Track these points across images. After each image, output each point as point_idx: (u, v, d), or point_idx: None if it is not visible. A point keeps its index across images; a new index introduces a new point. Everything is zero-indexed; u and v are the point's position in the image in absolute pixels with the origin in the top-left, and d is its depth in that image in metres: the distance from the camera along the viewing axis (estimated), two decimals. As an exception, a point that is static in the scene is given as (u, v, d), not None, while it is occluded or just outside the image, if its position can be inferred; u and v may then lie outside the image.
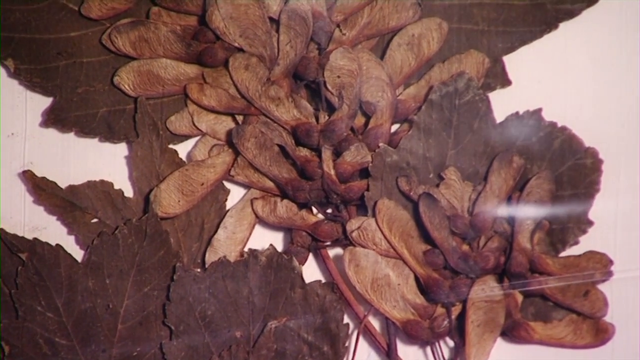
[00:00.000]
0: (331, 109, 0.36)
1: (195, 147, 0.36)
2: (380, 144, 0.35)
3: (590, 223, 0.35)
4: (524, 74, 0.36)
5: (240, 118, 0.36)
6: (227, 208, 0.36)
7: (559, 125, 0.35)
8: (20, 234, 0.35)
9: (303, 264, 0.36)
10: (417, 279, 0.35)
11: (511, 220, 0.35)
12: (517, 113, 0.35)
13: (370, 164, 0.35)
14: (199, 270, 0.35)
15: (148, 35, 0.35)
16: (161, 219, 0.35)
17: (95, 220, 0.36)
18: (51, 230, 0.36)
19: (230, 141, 0.35)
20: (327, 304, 0.35)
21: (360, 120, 0.36)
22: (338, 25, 0.36)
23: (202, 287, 0.34)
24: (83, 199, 0.35)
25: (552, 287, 0.35)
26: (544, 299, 0.35)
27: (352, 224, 0.35)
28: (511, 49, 0.36)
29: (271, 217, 0.36)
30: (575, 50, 0.36)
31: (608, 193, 0.35)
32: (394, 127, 0.36)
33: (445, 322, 0.35)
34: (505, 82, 0.36)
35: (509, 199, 0.36)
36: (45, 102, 0.36)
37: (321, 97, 0.36)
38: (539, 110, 0.35)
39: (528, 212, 0.35)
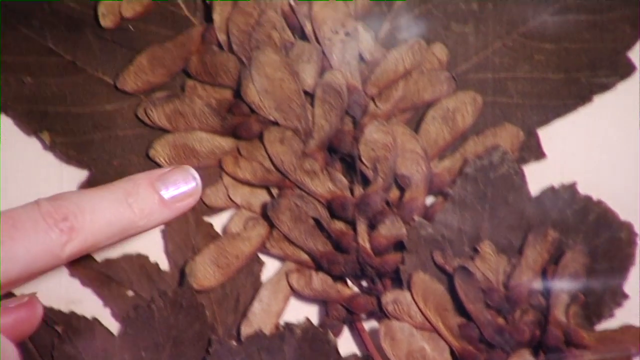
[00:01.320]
0: (366, 182, 0.42)
1: (231, 220, 0.42)
2: (415, 217, 0.41)
3: (625, 296, 0.41)
4: (559, 147, 0.42)
5: (275, 191, 0.42)
6: (263, 280, 0.42)
7: (594, 199, 0.41)
8: (56, 306, 0.41)
9: (338, 337, 0.42)
10: (452, 352, 0.41)
11: (546, 294, 0.41)
12: (551, 186, 0.41)
13: (406, 237, 0.41)
14: (234, 343, 0.41)
15: (183, 109, 0.42)
16: (196, 292, 0.41)
17: (130, 293, 0.42)
18: (87, 303, 0.42)
19: (265, 214, 0.41)
20: (362, 378, 0.41)
21: (395, 193, 0.42)
22: (373, 99, 0.42)
23: (238, 361, 0.40)
24: (119, 272, 0.41)
25: (588, 362, 0.40)
26: (580, 373, 0.41)
27: (388, 297, 0.41)
28: (545, 122, 0.42)
29: (306, 289, 0.42)
30: (609, 123, 0.42)
31: (644, 266, 0.41)
32: (429, 200, 0.42)
33: (481, 397, 0.41)
34: (540, 155, 0.42)
35: (544, 272, 0.41)
36: (81, 175, 0.42)
37: (356, 170, 0.42)
38: (574, 184, 0.41)
39: (563, 285, 0.41)
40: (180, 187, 0.35)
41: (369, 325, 0.42)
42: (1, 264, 0.29)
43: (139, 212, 0.33)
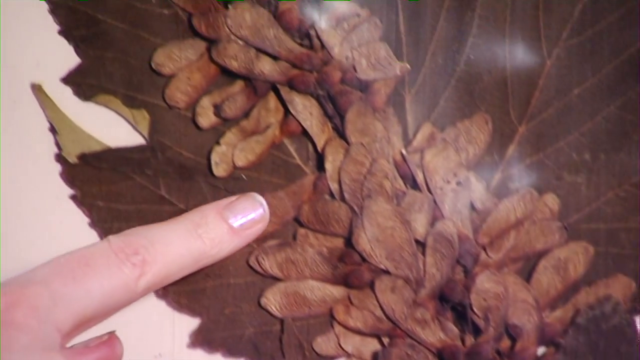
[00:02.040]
0: (477, 332, 0.45)
1: (342, 369, 0.45)
2: (528, 369, 0.45)
3: None
4: (672, 298, 0.45)
5: (386, 340, 0.45)
6: None
7: None
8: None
9: None
10: None
11: None
12: (666, 339, 0.45)
13: (518, 390, 0.44)
14: None
15: (295, 257, 0.45)
16: None
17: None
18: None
19: (377, 364, 0.44)
20: None
21: (506, 343, 0.45)
22: (484, 248, 0.45)
23: None
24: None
25: None
26: None
27: None
28: (658, 273, 0.45)
29: None
30: None
31: None
32: (540, 350, 0.46)
33: None
34: (653, 305, 0.45)
35: None
36: (193, 322, 0.46)
37: (467, 319, 0.45)
38: (689, 336, 0.44)
39: None
40: (249, 214, 0.38)
41: None
42: (77, 303, 0.31)
43: (209, 242, 0.36)
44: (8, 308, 0.28)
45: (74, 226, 0.44)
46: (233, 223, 0.35)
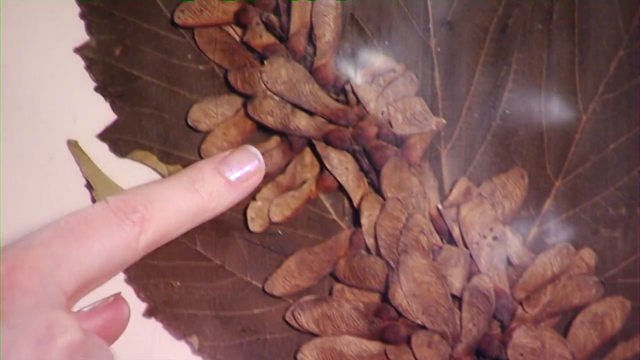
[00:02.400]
0: (514, 386, 0.45)
1: None
2: None
3: None
4: None
5: (422, 395, 0.45)
6: None
7: None
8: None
9: None
10: None
11: None
12: None
13: None
14: None
15: (331, 312, 0.45)
16: None
17: None
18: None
19: (414, 419, 0.45)
20: None
21: (543, 398, 0.46)
22: (521, 303, 0.46)
23: None
24: None
25: None
26: None
27: None
28: (696, 324, 0.45)
29: None
30: None
31: None
32: (578, 406, 0.46)
33: None
34: (691, 358, 0.46)
35: None
36: (229, 379, 0.46)
37: (504, 374, 0.45)
38: None
39: None
40: (244, 167, 0.38)
41: None
42: (79, 263, 0.31)
43: (207, 196, 0.36)
44: (10, 271, 0.28)
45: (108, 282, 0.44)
46: (229, 176, 0.36)
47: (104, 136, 0.44)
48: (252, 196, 0.44)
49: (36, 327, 0.28)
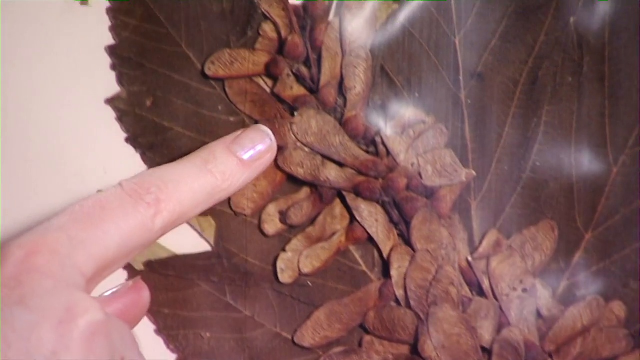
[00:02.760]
0: None
1: None
2: None
3: None
4: None
5: None
6: None
7: None
8: None
9: None
10: None
11: None
12: None
13: None
14: None
15: (360, 366, 0.45)
16: None
17: None
18: None
19: None
20: None
21: None
22: (551, 355, 0.46)
23: None
24: None
25: None
26: None
27: None
28: None
29: None
30: None
31: None
32: None
33: None
34: None
35: None
36: None
37: None
38: None
39: None
40: (257, 146, 0.38)
41: None
42: (97, 245, 0.30)
43: (220, 176, 0.36)
44: (29, 255, 0.28)
45: (139, 333, 0.44)
46: (242, 156, 0.36)
47: (134, 187, 0.44)
48: (282, 247, 0.44)
49: (56, 309, 0.28)
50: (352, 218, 0.45)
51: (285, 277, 0.45)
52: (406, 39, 0.45)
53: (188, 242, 0.45)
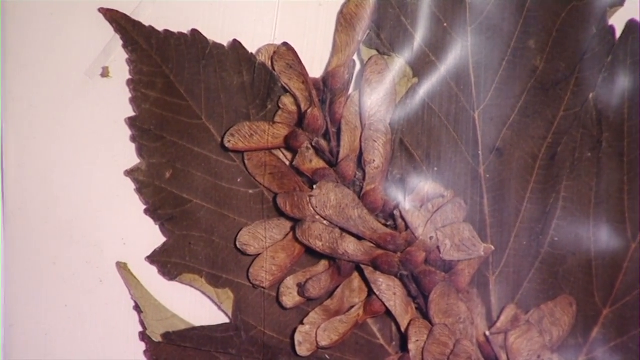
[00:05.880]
0: None
1: None
2: None
3: None
4: None
5: None
6: None
7: None
8: None
9: None
10: None
11: None
12: None
13: None
14: None
15: None
16: None
17: None
18: None
19: None
20: None
21: None
22: None
23: None
24: None
25: None
26: None
27: None
28: None
29: None
30: None
31: None
32: None
33: None
34: None
35: None
36: None
37: None
38: None
39: None
40: None
41: None
42: None
43: None
44: None
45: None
46: None
47: (153, 259, 0.46)
48: (300, 320, 0.45)
49: None
50: (370, 291, 0.46)
51: (303, 350, 0.46)
52: (425, 113, 0.46)
53: (206, 314, 0.46)
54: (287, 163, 0.47)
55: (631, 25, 0.46)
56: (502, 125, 0.46)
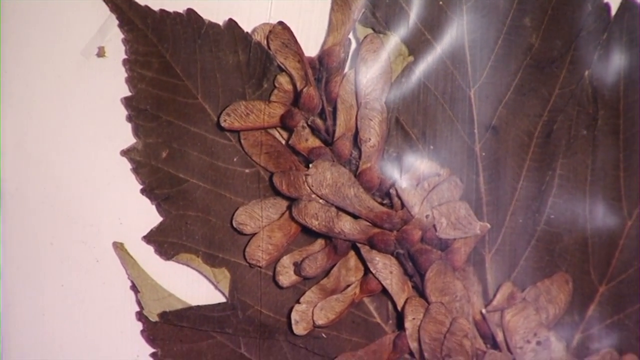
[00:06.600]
0: None
1: None
2: None
3: None
4: None
5: None
6: None
7: None
8: None
9: None
10: None
11: None
12: None
13: None
14: None
15: (375, 416, 0.47)
16: None
17: None
18: None
19: None
20: None
21: None
22: (565, 408, 0.47)
23: None
24: None
25: None
26: None
27: None
28: None
29: None
30: None
31: None
32: None
33: None
34: None
35: None
36: None
37: None
38: None
39: None
40: None
41: None
42: None
43: None
44: None
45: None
46: None
47: (149, 238, 0.46)
48: (297, 299, 0.46)
49: None
50: (367, 270, 0.46)
51: (299, 329, 0.46)
52: (421, 91, 0.46)
53: (202, 293, 0.47)
54: (283, 142, 0.47)
55: (626, 2, 0.46)
56: (497, 103, 0.46)
